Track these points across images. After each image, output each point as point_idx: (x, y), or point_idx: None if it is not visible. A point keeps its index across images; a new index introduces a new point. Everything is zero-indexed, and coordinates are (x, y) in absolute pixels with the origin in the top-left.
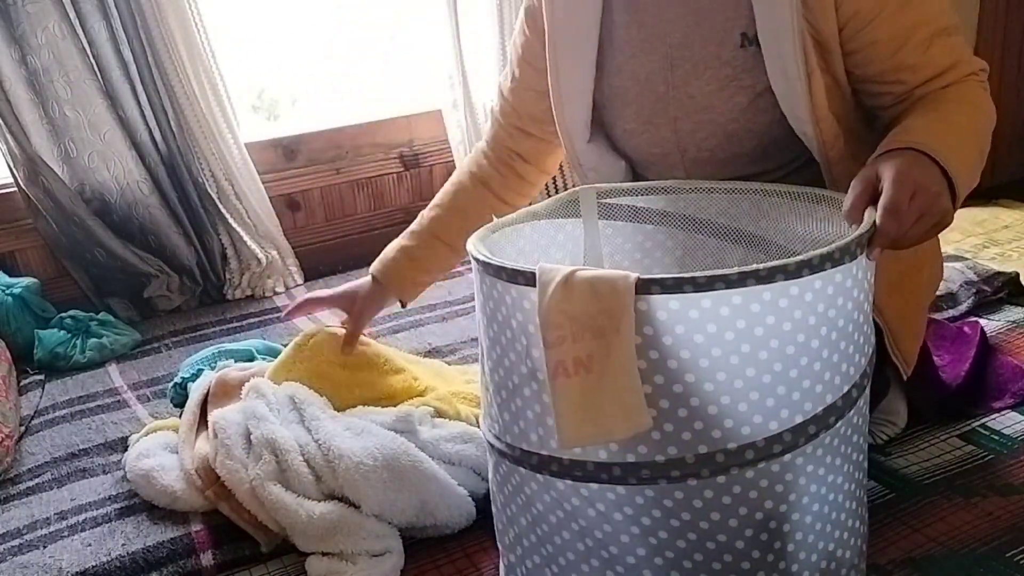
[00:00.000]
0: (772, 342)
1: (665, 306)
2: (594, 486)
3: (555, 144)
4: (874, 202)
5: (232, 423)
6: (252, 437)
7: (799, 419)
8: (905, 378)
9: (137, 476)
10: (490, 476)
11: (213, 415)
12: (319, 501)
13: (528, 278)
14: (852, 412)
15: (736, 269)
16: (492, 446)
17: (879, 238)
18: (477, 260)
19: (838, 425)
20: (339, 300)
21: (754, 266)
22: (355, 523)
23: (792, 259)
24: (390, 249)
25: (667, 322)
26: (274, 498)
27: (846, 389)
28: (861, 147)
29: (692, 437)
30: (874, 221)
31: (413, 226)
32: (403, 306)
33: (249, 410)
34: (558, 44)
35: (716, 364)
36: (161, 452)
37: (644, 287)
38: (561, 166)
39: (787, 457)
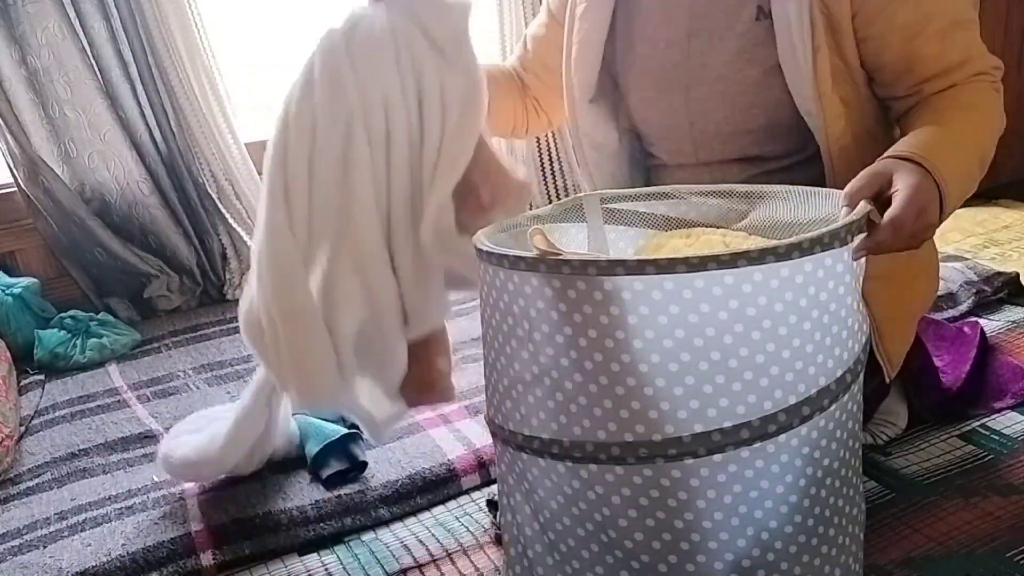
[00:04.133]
0: (765, 322)
1: (660, 286)
2: (593, 467)
3: (561, 100)
4: (874, 198)
5: None
6: None
7: (793, 400)
8: (888, 380)
9: None
10: (496, 466)
11: None
12: None
13: (529, 264)
14: (846, 396)
15: (729, 250)
16: (496, 435)
17: (875, 245)
18: (482, 251)
19: (832, 408)
20: None
21: (745, 247)
22: None
23: (783, 241)
24: None
25: (661, 302)
26: None
27: (840, 373)
28: (871, 145)
29: (688, 416)
30: (867, 213)
31: None
32: None
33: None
34: None
35: (710, 344)
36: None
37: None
38: (561, 170)
39: (782, 438)
